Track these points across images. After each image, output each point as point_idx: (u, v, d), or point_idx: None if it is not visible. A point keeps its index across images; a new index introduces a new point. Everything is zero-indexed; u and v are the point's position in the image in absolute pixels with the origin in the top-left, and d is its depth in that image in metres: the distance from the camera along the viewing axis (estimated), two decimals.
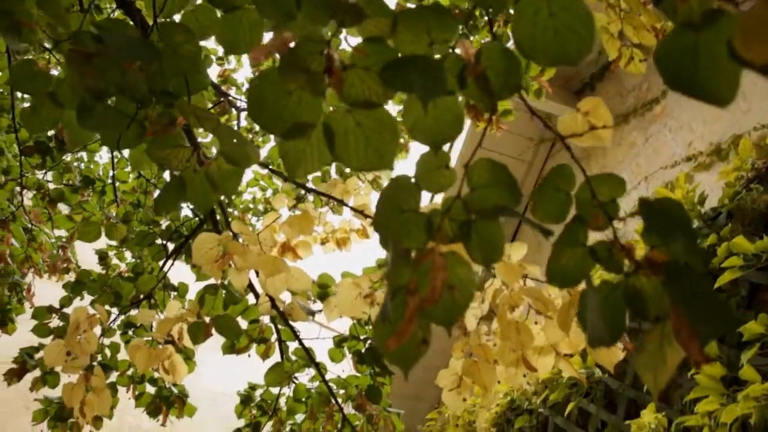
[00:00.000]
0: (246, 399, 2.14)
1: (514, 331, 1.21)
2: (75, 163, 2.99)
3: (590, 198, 0.69)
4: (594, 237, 0.70)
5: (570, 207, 0.70)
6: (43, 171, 2.31)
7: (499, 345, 1.35)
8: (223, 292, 1.64)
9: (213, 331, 1.68)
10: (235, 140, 0.98)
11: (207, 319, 1.66)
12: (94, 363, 1.84)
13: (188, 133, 1.27)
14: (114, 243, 2.85)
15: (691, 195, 2.62)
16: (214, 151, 1.30)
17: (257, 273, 1.51)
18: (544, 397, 3.09)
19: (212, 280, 1.81)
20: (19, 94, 2.35)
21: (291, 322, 1.85)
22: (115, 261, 2.79)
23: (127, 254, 2.79)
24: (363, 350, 2.01)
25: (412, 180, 0.65)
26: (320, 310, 1.90)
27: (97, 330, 2.11)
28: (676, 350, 0.69)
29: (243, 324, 1.90)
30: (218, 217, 1.75)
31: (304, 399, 2.04)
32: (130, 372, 2.38)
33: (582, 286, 0.71)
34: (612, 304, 0.69)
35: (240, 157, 0.97)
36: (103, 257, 2.62)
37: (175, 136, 1.07)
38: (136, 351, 1.72)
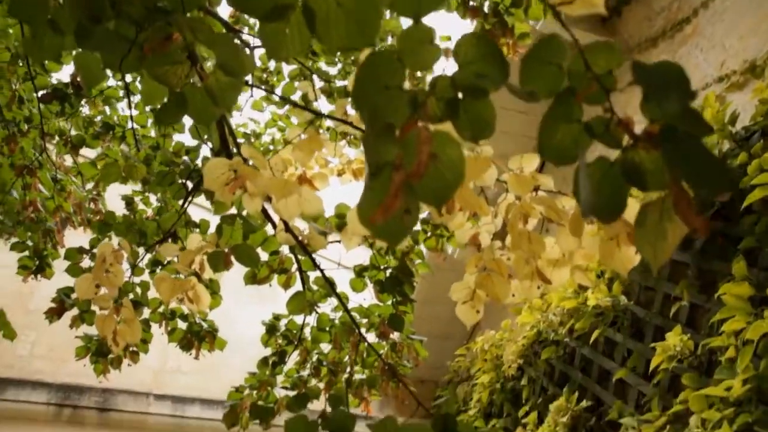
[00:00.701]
0: (271, 328, 2.21)
1: (526, 240, 1.20)
2: (98, 117, 3.02)
3: (584, 70, 0.66)
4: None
5: (563, 81, 0.67)
6: (64, 118, 2.36)
7: (512, 258, 1.35)
8: (240, 222, 1.66)
9: (234, 261, 1.72)
10: (230, 50, 0.97)
11: (226, 250, 1.69)
12: (125, 298, 1.91)
13: (189, 54, 1.26)
14: (139, 188, 2.90)
15: (721, 114, 2.51)
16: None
17: (271, 200, 1.52)
18: (569, 326, 3.09)
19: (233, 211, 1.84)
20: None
21: (312, 254, 1.87)
22: (141, 207, 2.84)
23: (152, 199, 2.84)
24: (384, 279, 2.03)
25: (395, 56, 0.63)
26: (339, 241, 1.92)
27: (125, 265, 2.18)
28: (677, 226, 0.67)
29: (264, 256, 1.93)
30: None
31: (327, 328, 2.09)
32: (161, 309, 2.47)
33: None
34: (610, 180, 0.67)
35: (236, 67, 0.96)
36: (129, 202, 2.68)
37: (173, 52, 1.06)
38: (161, 282, 1.78)
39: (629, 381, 2.83)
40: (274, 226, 1.84)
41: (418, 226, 2.13)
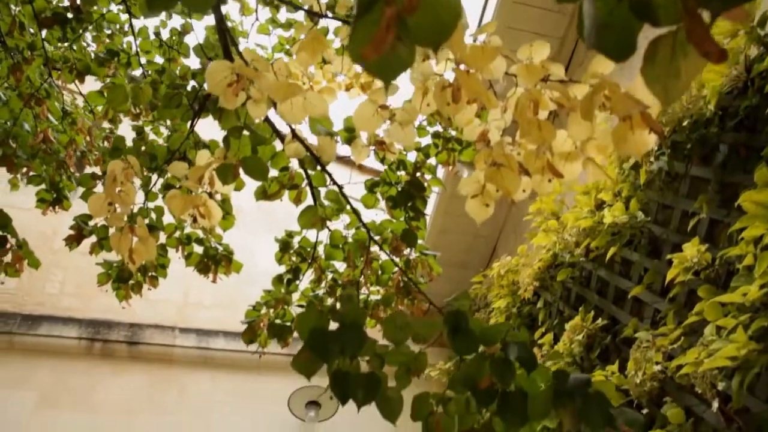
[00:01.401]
0: (284, 245, 2.23)
1: (536, 128, 1.17)
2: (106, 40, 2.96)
3: None
4: None
5: None
6: (66, 43, 2.32)
7: (523, 153, 1.31)
8: (248, 134, 1.64)
9: (242, 173, 1.71)
10: None
11: (235, 162, 1.68)
12: (138, 217, 1.93)
13: None
14: (149, 119, 2.89)
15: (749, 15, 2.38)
16: None
17: (275, 106, 1.49)
18: (585, 245, 3.08)
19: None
20: None
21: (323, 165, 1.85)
22: (152, 137, 2.84)
23: (163, 130, 2.83)
24: (396, 195, 2.02)
25: None
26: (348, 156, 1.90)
27: (139, 195, 2.18)
28: (690, 63, 0.63)
29: (273, 173, 1.92)
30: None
31: (341, 245, 2.10)
32: (177, 235, 2.51)
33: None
34: (619, 15, 0.63)
35: None
36: (140, 132, 2.67)
37: None
38: (172, 199, 1.79)
39: (645, 299, 2.83)
40: (282, 140, 1.82)
41: (428, 140, 2.10)
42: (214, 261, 2.47)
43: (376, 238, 2.08)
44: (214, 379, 4.69)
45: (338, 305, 1.58)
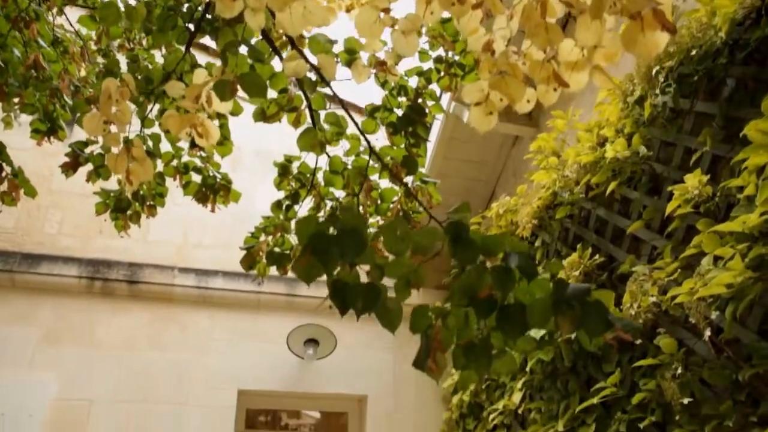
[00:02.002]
0: (283, 170, 2.20)
1: (543, 30, 1.13)
2: None
3: None
4: None
5: None
6: None
7: (528, 63, 1.28)
8: (246, 50, 1.59)
9: (240, 90, 1.67)
10: None
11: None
12: (135, 137, 1.90)
13: None
14: (143, 48, 2.81)
15: None
16: None
17: (273, 16, 1.44)
18: (585, 182, 3.06)
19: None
20: None
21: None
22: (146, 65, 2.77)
23: (158, 59, 2.76)
24: (397, 120, 1.98)
25: None
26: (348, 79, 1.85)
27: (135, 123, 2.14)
28: None
29: (272, 94, 1.88)
30: None
31: (340, 171, 2.08)
32: (174, 163, 2.48)
33: None
34: None
35: None
36: (134, 60, 2.61)
37: None
38: (169, 118, 1.75)
39: (643, 237, 2.83)
40: (281, 57, 1.77)
41: (430, 64, 2.04)
42: (213, 190, 2.45)
43: (376, 166, 2.06)
44: (213, 318, 4.76)
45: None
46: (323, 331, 4.51)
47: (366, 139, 1.81)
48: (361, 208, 2.23)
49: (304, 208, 2.25)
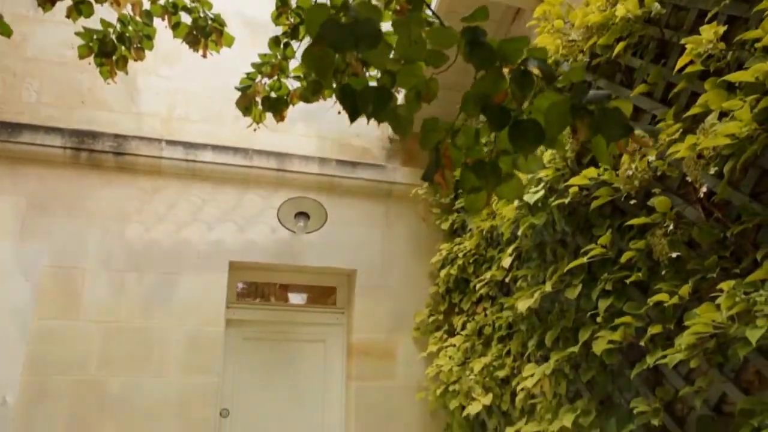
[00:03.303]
0: (282, 1, 2.06)
1: None
2: None
3: None
4: None
5: None
6: None
7: None
8: None
9: None
10: None
11: None
12: None
13: None
14: None
15: None
16: None
17: None
18: (591, 45, 2.96)
19: None
20: None
21: None
22: None
23: None
24: None
25: None
26: None
27: None
28: None
29: None
30: None
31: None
32: (162, 2, 2.32)
33: None
34: None
35: None
36: None
37: None
38: None
39: (644, 106, 2.78)
40: None
41: None
42: (204, 33, 2.31)
43: None
44: (202, 192, 4.73)
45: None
46: (314, 204, 4.53)
47: None
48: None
49: (302, 49, 2.13)
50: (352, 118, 1.22)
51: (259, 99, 2.14)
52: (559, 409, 2.87)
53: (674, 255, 2.30)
